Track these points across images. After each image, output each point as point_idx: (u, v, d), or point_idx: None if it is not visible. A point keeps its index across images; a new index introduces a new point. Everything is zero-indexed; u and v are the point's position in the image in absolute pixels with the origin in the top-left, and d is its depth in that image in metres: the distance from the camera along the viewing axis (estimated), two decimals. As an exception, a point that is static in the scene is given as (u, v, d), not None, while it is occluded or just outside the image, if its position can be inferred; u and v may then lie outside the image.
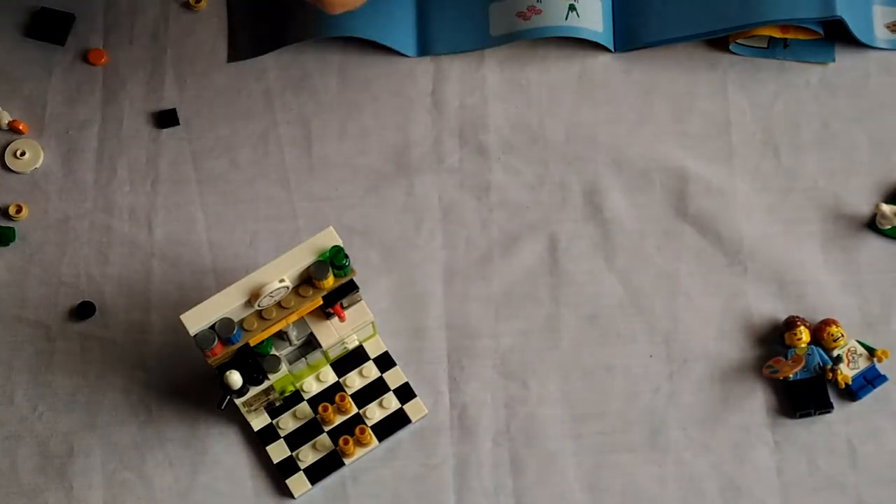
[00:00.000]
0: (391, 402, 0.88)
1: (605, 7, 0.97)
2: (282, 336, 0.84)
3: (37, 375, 0.89)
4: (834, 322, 0.88)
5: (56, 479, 0.87)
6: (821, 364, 0.87)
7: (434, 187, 0.94)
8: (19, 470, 0.87)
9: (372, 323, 0.86)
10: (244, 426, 0.87)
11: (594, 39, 0.96)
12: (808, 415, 0.87)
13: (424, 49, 0.98)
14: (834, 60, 0.97)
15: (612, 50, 0.97)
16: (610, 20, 0.98)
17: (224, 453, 0.87)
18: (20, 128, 0.95)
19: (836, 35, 0.96)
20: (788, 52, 0.97)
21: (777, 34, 0.95)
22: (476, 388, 0.89)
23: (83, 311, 0.90)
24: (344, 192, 0.94)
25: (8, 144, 0.95)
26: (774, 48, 0.97)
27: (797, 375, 0.87)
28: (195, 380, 0.88)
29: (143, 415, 0.88)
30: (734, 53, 0.97)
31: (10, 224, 0.93)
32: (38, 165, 0.95)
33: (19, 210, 0.93)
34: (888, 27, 0.97)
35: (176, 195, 0.94)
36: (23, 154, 0.95)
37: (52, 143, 0.96)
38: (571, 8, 0.95)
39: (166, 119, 0.96)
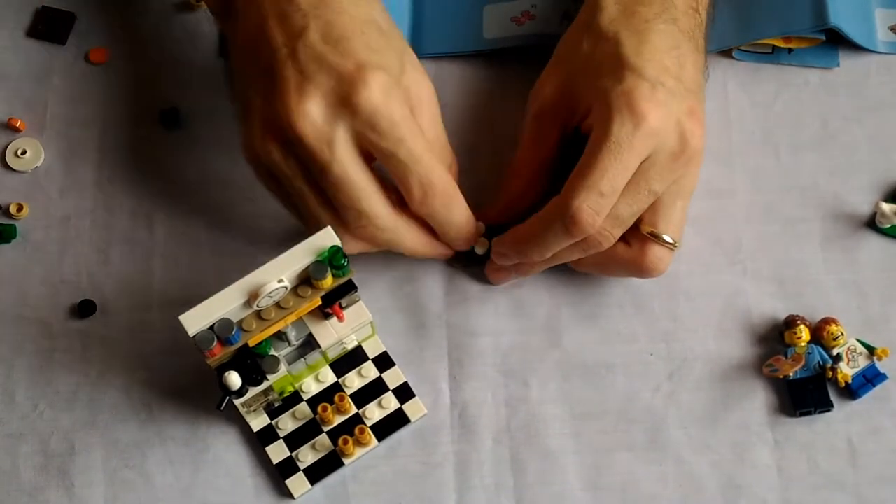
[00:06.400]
0: (390, 402, 0.88)
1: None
2: (280, 337, 0.84)
3: (37, 373, 0.89)
4: (834, 321, 0.88)
5: (57, 478, 0.87)
6: (821, 363, 0.87)
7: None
8: (20, 468, 0.87)
9: (371, 323, 0.86)
10: (244, 425, 0.87)
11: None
12: (808, 413, 0.87)
13: (417, 50, 0.91)
14: (839, 65, 0.96)
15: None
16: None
17: (225, 451, 0.87)
18: (18, 125, 0.95)
19: (839, 38, 0.95)
20: (793, 56, 0.96)
21: (780, 44, 0.95)
22: (476, 387, 0.89)
23: (84, 309, 0.91)
24: (343, 191, 0.94)
25: (9, 143, 0.95)
26: (778, 54, 0.96)
27: (797, 374, 0.87)
28: (196, 378, 0.88)
29: (144, 413, 0.88)
30: (736, 59, 0.96)
31: (11, 222, 0.93)
32: (39, 164, 0.95)
33: (20, 209, 0.93)
34: (892, 29, 0.97)
35: (177, 194, 0.94)
36: (24, 153, 0.95)
37: (53, 142, 0.96)
38: (566, 16, 0.94)
39: (167, 118, 0.96)
